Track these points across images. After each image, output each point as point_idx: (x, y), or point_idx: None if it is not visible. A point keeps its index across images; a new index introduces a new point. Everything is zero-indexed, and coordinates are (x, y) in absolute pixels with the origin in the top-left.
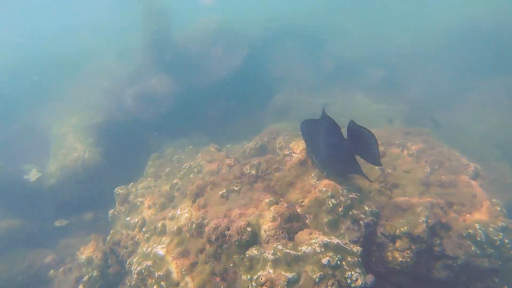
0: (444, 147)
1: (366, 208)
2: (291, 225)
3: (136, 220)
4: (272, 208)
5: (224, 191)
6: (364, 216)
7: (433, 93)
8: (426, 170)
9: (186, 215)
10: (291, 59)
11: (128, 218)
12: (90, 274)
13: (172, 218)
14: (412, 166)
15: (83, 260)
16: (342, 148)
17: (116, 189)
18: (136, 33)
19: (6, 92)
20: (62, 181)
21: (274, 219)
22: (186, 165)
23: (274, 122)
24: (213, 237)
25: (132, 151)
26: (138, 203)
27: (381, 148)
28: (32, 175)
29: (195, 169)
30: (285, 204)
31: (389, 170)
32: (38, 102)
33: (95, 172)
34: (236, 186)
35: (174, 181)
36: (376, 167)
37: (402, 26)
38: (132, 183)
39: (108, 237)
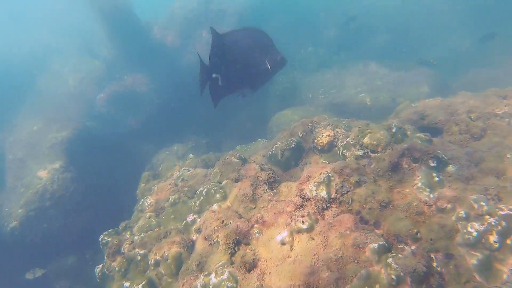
0: None
1: None
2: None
3: (140, 287)
4: (389, 260)
5: (285, 234)
6: None
7: (456, 49)
8: None
9: (229, 284)
10: (286, 36)
11: (127, 284)
12: None
13: None
14: None
15: None
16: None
17: (102, 236)
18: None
19: None
20: (26, 222)
21: (398, 281)
22: (203, 190)
23: (281, 108)
24: None
25: (115, 168)
26: (139, 257)
27: (479, 124)
28: None
29: (217, 195)
30: (407, 249)
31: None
32: None
33: (70, 205)
34: (303, 223)
35: (189, 218)
36: None
37: None
38: (124, 223)
39: None
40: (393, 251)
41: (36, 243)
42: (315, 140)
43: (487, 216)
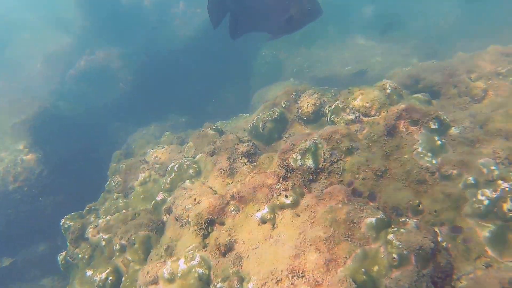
0: None
1: None
2: (435, 267)
3: (104, 276)
4: (389, 236)
5: (265, 211)
6: None
7: (444, 20)
8: None
9: (200, 270)
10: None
11: (90, 273)
12: None
13: (170, 280)
14: None
15: None
16: None
17: (63, 220)
18: None
19: None
20: None
21: (401, 261)
22: (174, 165)
23: (264, 84)
24: None
25: (88, 149)
26: (104, 243)
27: (480, 85)
28: None
29: (190, 170)
30: (410, 223)
31: None
32: None
33: (37, 188)
34: (287, 197)
35: (159, 197)
36: None
37: None
38: (89, 205)
39: None
40: (393, 226)
41: (0, 231)
42: (300, 110)
43: (500, 181)
